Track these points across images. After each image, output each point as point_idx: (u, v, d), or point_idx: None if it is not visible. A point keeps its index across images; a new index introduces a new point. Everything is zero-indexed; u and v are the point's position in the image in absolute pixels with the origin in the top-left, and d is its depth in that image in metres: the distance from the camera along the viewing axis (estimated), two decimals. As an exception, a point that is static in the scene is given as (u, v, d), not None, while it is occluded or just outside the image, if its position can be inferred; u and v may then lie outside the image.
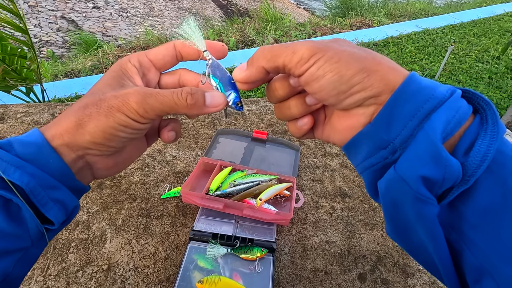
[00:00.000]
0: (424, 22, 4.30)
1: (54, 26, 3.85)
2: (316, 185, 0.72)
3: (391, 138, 0.23)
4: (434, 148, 0.21)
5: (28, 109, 0.86)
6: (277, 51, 0.26)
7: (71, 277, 0.52)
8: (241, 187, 0.62)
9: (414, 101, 0.22)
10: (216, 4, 5.49)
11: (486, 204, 0.21)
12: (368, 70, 0.24)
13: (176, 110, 0.28)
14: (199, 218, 0.60)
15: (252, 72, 0.28)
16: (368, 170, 0.26)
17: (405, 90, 0.23)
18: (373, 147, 0.25)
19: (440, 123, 0.21)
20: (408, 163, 0.22)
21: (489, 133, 0.22)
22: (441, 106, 0.22)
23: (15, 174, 0.24)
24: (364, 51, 0.25)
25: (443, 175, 0.21)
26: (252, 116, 0.91)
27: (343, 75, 0.24)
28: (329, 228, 0.63)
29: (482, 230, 0.21)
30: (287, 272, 0.56)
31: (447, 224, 0.23)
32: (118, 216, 0.62)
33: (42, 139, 0.26)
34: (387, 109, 0.24)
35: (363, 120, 0.26)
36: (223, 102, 0.30)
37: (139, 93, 0.27)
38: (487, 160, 0.21)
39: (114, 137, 0.27)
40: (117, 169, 0.32)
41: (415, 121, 0.22)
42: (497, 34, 4.02)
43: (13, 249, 0.25)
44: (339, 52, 0.24)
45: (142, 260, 0.55)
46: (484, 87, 2.88)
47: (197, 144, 0.80)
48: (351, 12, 4.55)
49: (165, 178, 0.70)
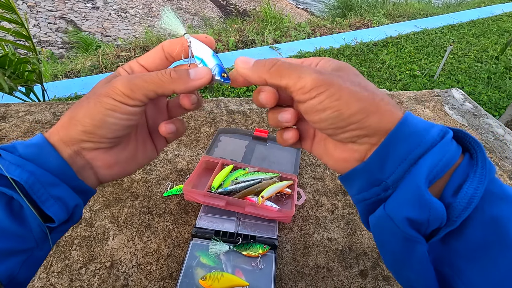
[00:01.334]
0: (423, 22, 4.32)
1: (53, 26, 3.85)
2: (317, 183, 0.72)
3: (384, 177, 0.25)
4: (418, 192, 0.22)
5: (30, 108, 0.86)
6: (283, 70, 0.26)
7: (74, 274, 0.52)
8: (243, 185, 0.62)
9: (406, 144, 0.24)
10: (216, 5, 5.50)
11: (478, 241, 0.22)
12: (367, 111, 0.24)
13: (162, 86, 0.28)
14: (201, 216, 0.60)
15: (253, 77, 0.28)
16: (361, 203, 0.28)
17: (398, 133, 0.24)
18: (366, 183, 0.26)
19: (426, 168, 0.23)
20: (395, 205, 0.24)
21: (478, 176, 0.23)
22: (430, 151, 0.23)
23: (16, 172, 0.25)
24: (365, 90, 0.25)
25: (427, 217, 0.22)
26: (253, 115, 0.91)
27: (342, 113, 0.25)
28: (330, 226, 0.64)
29: (475, 265, 0.22)
30: (289, 268, 0.56)
31: (441, 259, 0.24)
32: (120, 213, 0.62)
33: (43, 139, 0.27)
34: (381, 151, 0.25)
35: (357, 156, 0.27)
36: (208, 73, 0.29)
37: (124, 77, 0.28)
38: (473, 202, 0.22)
39: (103, 124, 0.27)
40: (120, 170, 0.32)
41: (406, 164, 0.24)
42: (495, 34, 4.04)
43: (18, 249, 0.26)
44: (341, 90, 0.25)
45: (145, 257, 0.55)
46: (483, 87, 2.89)
47: (199, 143, 0.80)
48: (350, 12, 4.56)
49: (167, 176, 0.70)
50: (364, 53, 3.46)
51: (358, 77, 0.26)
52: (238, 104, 0.95)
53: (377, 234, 0.26)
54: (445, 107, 1.03)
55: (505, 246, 0.21)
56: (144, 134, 0.34)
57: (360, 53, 3.45)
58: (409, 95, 1.07)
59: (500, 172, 0.79)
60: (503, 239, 0.22)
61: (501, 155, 0.85)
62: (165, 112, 0.35)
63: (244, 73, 0.29)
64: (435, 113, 0.99)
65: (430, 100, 1.05)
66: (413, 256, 0.24)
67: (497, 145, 0.89)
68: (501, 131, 0.94)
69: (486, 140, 0.90)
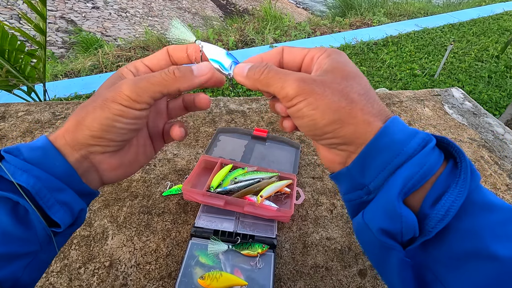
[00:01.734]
0: (424, 21, 4.31)
1: (53, 26, 3.85)
2: (317, 183, 0.72)
3: (366, 182, 0.26)
4: (391, 205, 0.23)
5: (29, 107, 0.86)
6: (270, 79, 0.28)
7: (73, 274, 0.52)
8: (242, 184, 0.62)
9: (384, 154, 0.24)
10: (216, 4, 5.49)
11: (457, 250, 0.23)
12: (342, 122, 0.25)
13: (167, 86, 0.28)
14: (200, 215, 0.60)
15: (247, 84, 0.30)
16: (348, 203, 0.29)
17: (376, 144, 0.25)
18: (350, 186, 0.28)
19: (401, 180, 0.23)
20: (371, 214, 0.25)
21: (458, 188, 0.23)
22: (407, 162, 0.24)
23: (22, 177, 0.25)
24: (345, 98, 0.25)
25: (400, 229, 0.24)
26: (252, 114, 0.91)
27: (317, 123, 0.26)
28: (329, 225, 0.64)
29: (456, 273, 0.23)
30: (288, 268, 0.56)
31: (423, 265, 0.25)
32: (119, 213, 0.62)
33: (48, 142, 0.27)
34: (360, 160, 0.26)
35: (339, 159, 0.28)
36: (210, 68, 0.31)
37: (130, 80, 0.28)
38: (449, 215, 0.23)
39: (112, 128, 0.28)
40: (123, 172, 0.33)
41: (385, 173, 0.25)
42: (496, 33, 4.03)
43: (22, 253, 0.26)
44: (319, 99, 0.25)
45: (143, 256, 0.55)
46: (484, 86, 2.89)
47: (198, 142, 0.80)
48: (350, 12, 4.56)
49: (166, 176, 0.70)
50: (364, 52, 3.46)
51: (346, 81, 0.26)
52: (238, 103, 0.95)
53: (359, 238, 0.28)
54: (445, 106, 1.03)
55: (482, 257, 0.22)
56: (145, 135, 0.35)
57: (360, 52, 3.45)
58: (409, 94, 1.06)
59: (500, 171, 0.79)
60: (481, 250, 0.22)
61: (500, 154, 0.85)
62: (165, 113, 0.36)
63: (241, 82, 0.30)
64: (435, 112, 0.99)
65: (429, 99, 1.05)
66: (390, 261, 0.25)
67: (497, 144, 0.89)
68: (501, 130, 0.94)
69: (485, 139, 0.90)
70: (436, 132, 0.91)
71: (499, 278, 0.21)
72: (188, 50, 0.32)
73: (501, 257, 0.21)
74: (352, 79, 0.27)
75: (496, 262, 0.21)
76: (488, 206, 0.23)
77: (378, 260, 0.27)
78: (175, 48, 0.32)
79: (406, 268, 0.25)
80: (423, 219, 0.24)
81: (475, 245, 0.22)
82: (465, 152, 0.84)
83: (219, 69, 0.31)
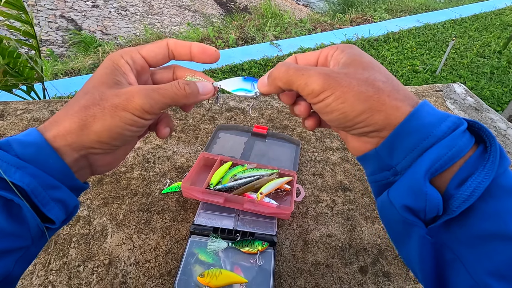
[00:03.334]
0: (425, 17, 4.28)
1: (53, 25, 3.85)
2: (317, 179, 0.72)
3: (393, 164, 0.26)
4: (417, 184, 0.24)
5: (28, 106, 0.86)
6: (292, 76, 0.28)
7: (72, 272, 0.52)
8: (242, 181, 0.62)
9: (413, 137, 0.25)
10: (216, 1, 5.47)
11: (480, 230, 0.23)
12: (372, 110, 0.26)
13: (176, 101, 0.29)
14: (200, 213, 0.60)
15: (271, 89, 0.31)
16: (374, 183, 0.29)
17: (405, 128, 0.25)
18: (378, 167, 0.28)
19: (429, 161, 0.24)
20: (396, 192, 0.26)
21: (486, 170, 0.23)
22: (436, 144, 0.24)
23: (16, 175, 0.24)
24: (372, 87, 0.26)
25: (424, 207, 0.24)
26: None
27: (348, 115, 0.26)
28: (330, 222, 0.63)
29: (475, 252, 0.24)
30: (288, 265, 0.56)
31: (444, 243, 0.25)
32: (119, 211, 0.62)
33: (42, 139, 0.26)
34: (388, 142, 0.26)
35: (370, 146, 0.28)
36: (212, 89, 0.33)
37: (142, 90, 0.28)
38: (475, 195, 0.23)
39: (120, 136, 0.28)
40: (114, 165, 0.33)
41: (414, 154, 0.25)
42: (498, 28, 4.00)
43: (14, 248, 0.26)
44: (346, 92, 0.26)
45: (143, 254, 0.55)
46: (486, 82, 2.87)
47: (197, 140, 0.80)
48: (351, 8, 4.53)
49: (166, 173, 0.70)
50: (365, 48, 3.44)
51: (367, 71, 0.27)
52: (237, 100, 0.94)
53: (382, 215, 0.29)
54: (447, 101, 1.02)
55: (504, 238, 0.22)
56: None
57: (361, 49, 3.43)
58: (411, 90, 1.06)
59: (502, 167, 0.78)
60: (503, 232, 0.22)
61: (503, 150, 0.84)
62: None
63: (266, 91, 0.31)
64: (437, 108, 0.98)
65: (431, 95, 1.04)
66: (411, 237, 0.26)
67: (499, 140, 0.88)
68: (503, 126, 0.93)
69: (488, 135, 0.89)
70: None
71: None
72: (193, 49, 0.32)
73: None
74: (372, 69, 0.27)
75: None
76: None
77: (399, 236, 0.27)
78: (177, 44, 0.32)
79: (426, 245, 0.25)
80: (448, 199, 0.24)
81: (497, 227, 0.23)
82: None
83: (244, 94, 0.33)
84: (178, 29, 4.28)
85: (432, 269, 0.26)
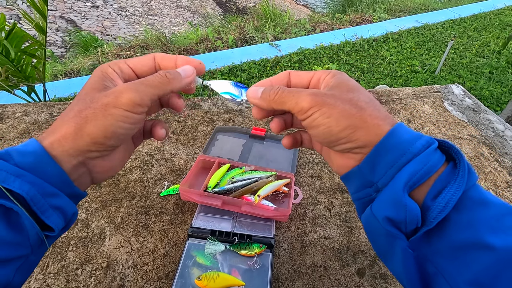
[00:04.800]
0: (424, 17, 4.28)
1: (53, 26, 3.85)
2: (315, 181, 0.72)
3: (375, 180, 0.28)
4: (397, 196, 0.26)
5: (27, 108, 0.86)
6: (284, 98, 0.30)
7: (70, 275, 0.52)
8: (240, 184, 0.62)
9: (392, 153, 0.27)
10: (215, 2, 5.47)
11: (457, 241, 0.25)
12: (355, 126, 0.28)
13: (163, 89, 0.31)
14: (198, 215, 0.60)
15: (263, 106, 0.33)
16: (357, 201, 0.31)
17: (385, 144, 0.27)
18: (360, 184, 0.30)
19: (406, 175, 0.26)
20: (378, 205, 0.28)
21: (457, 184, 0.25)
22: (413, 160, 0.26)
23: (15, 183, 0.25)
24: (355, 107, 0.28)
25: (404, 218, 0.26)
26: (250, 114, 0.90)
27: (332, 130, 0.28)
28: (327, 224, 0.63)
29: (455, 264, 0.25)
30: (285, 268, 0.56)
31: (425, 257, 0.27)
32: (117, 214, 0.62)
33: (40, 148, 0.27)
34: (370, 158, 0.28)
35: (353, 163, 0.30)
36: (193, 70, 0.34)
37: (128, 85, 0.29)
38: (449, 206, 0.25)
39: (114, 134, 0.28)
40: (112, 172, 0.33)
41: (393, 170, 0.27)
42: (497, 28, 4.00)
43: (14, 257, 0.26)
44: (332, 108, 0.28)
45: (141, 257, 0.55)
46: (485, 82, 2.87)
47: (196, 142, 0.80)
48: (350, 8, 4.53)
49: (164, 176, 0.70)
50: (364, 49, 3.44)
51: (352, 93, 0.30)
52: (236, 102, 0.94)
53: (367, 230, 0.30)
54: (445, 103, 1.02)
55: (479, 247, 0.24)
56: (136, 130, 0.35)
57: (360, 49, 3.43)
58: (408, 91, 1.06)
59: (500, 168, 0.79)
60: (478, 241, 0.24)
61: (501, 151, 0.84)
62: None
63: (255, 103, 0.33)
64: (435, 109, 0.98)
65: (429, 96, 1.04)
66: (395, 250, 0.27)
67: (497, 141, 0.88)
68: (501, 127, 0.93)
69: (486, 136, 0.89)
70: (435, 129, 0.90)
71: (495, 267, 0.23)
72: (178, 62, 0.34)
73: (496, 247, 0.23)
74: (357, 91, 0.30)
75: (492, 252, 0.23)
76: (485, 202, 0.25)
77: (384, 250, 0.29)
78: (163, 57, 0.34)
79: (409, 259, 0.27)
80: (426, 211, 0.26)
81: (471, 236, 0.24)
82: (465, 149, 0.84)
83: (231, 98, 0.35)
84: (177, 30, 4.28)
85: (418, 282, 0.27)
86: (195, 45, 3.35)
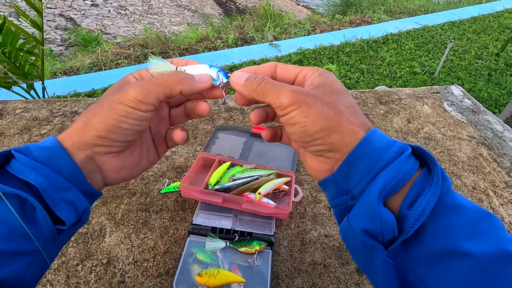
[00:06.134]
0: (424, 19, 4.30)
1: (52, 24, 3.84)
2: (315, 180, 0.72)
3: (350, 188, 0.28)
4: (371, 207, 0.25)
5: (27, 105, 0.86)
6: (266, 90, 0.30)
7: (71, 271, 0.52)
8: (240, 182, 0.62)
9: (366, 161, 0.27)
10: (215, 1, 5.47)
11: (434, 249, 0.25)
12: (330, 129, 0.28)
13: (170, 88, 0.30)
14: (198, 213, 0.60)
15: (245, 93, 0.32)
16: (335, 208, 0.31)
17: (358, 152, 0.27)
18: (336, 192, 0.30)
19: (380, 184, 0.25)
20: (354, 217, 0.27)
21: (431, 191, 0.25)
22: (386, 168, 0.26)
23: (31, 175, 0.26)
24: (333, 110, 0.28)
25: (380, 228, 0.25)
26: (250, 112, 0.91)
27: (308, 130, 0.28)
28: (327, 222, 0.64)
29: (434, 271, 0.25)
30: (285, 265, 0.56)
31: (405, 266, 0.26)
32: (117, 210, 0.62)
33: (56, 143, 0.28)
34: (344, 166, 0.28)
35: (326, 167, 0.30)
36: (209, 79, 0.33)
37: (135, 83, 0.30)
38: (424, 214, 0.24)
39: (117, 129, 0.29)
40: (125, 174, 0.34)
41: (367, 178, 0.27)
42: (496, 30, 4.02)
43: (27, 250, 0.26)
44: (310, 108, 0.28)
45: (141, 254, 0.55)
46: (484, 84, 2.88)
47: (196, 140, 0.80)
48: (350, 9, 4.54)
49: (164, 173, 0.70)
50: (364, 50, 3.45)
51: (334, 95, 0.29)
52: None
53: (345, 241, 0.30)
54: (444, 103, 1.02)
55: (456, 255, 0.23)
56: (148, 141, 0.36)
57: (360, 50, 3.44)
58: (408, 92, 1.06)
59: (499, 169, 0.79)
60: (455, 248, 0.24)
61: (499, 152, 0.85)
62: (167, 120, 0.38)
63: (237, 89, 0.32)
64: (434, 110, 0.99)
65: (429, 97, 1.05)
66: (374, 261, 0.26)
67: (496, 142, 0.88)
68: (500, 128, 0.94)
69: (485, 137, 0.90)
70: (435, 130, 0.90)
71: (473, 274, 0.23)
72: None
73: (473, 254, 0.23)
74: (340, 94, 0.30)
75: (469, 259, 0.23)
76: (459, 207, 0.25)
77: (364, 262, 0.28)
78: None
79: (389, 268, 0.26)
80: (402, 220, 0.26)
81: (449, 243, 0.24)
82: (464, 149, 0.84)
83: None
84: (177, 29, 4.27)
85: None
86: (195, 45, 3.35)
